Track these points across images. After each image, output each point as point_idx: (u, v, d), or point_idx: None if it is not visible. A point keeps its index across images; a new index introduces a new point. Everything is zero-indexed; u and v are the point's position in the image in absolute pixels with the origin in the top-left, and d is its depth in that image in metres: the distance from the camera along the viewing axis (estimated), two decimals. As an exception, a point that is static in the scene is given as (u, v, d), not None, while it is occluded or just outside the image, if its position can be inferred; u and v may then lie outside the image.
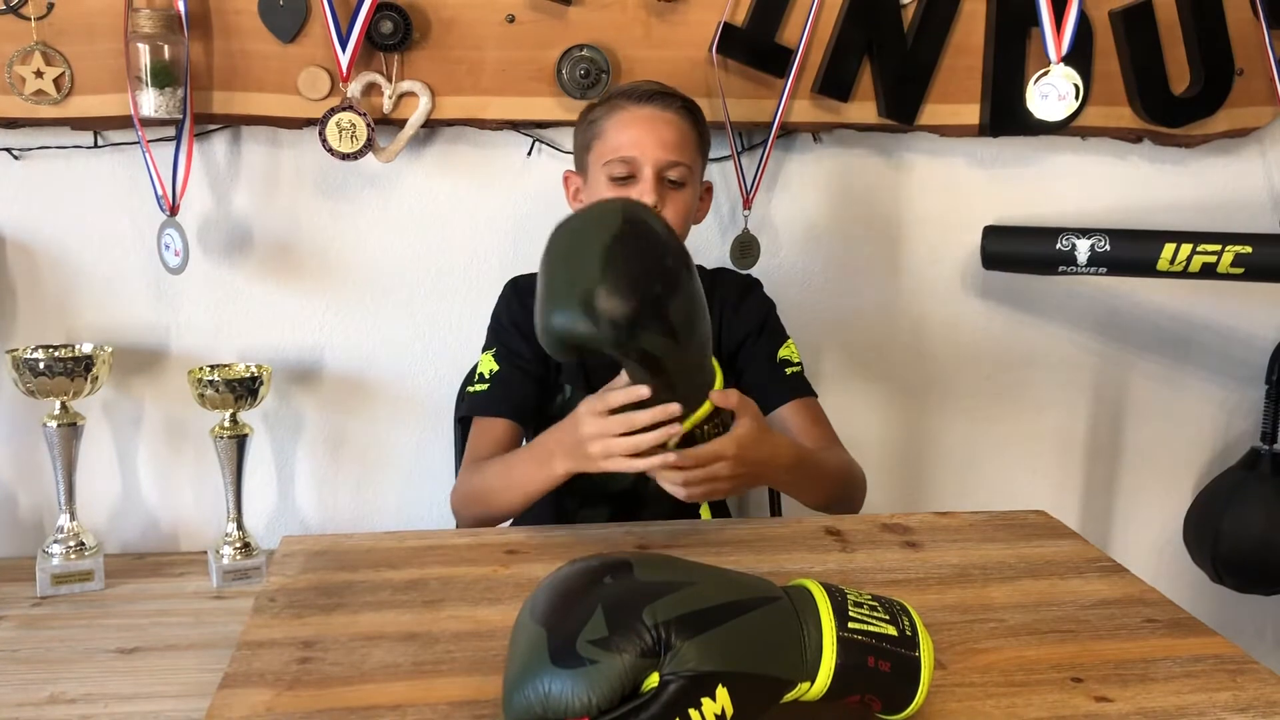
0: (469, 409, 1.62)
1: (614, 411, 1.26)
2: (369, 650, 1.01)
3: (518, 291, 1.65)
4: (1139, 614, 1.11)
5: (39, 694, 1.42)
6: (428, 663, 0.99)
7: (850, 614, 0.86)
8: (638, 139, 1.53)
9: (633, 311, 1.13)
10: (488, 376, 1.60)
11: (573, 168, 1.66)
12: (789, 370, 1.62)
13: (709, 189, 1.69)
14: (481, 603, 1.11)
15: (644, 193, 1.52)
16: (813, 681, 0.83)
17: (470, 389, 1.62)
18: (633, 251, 1.17)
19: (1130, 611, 1.12)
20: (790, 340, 1.67)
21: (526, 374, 1.58)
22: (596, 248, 1.17)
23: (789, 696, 0.84)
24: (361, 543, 1.27)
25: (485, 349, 1.63)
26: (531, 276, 1.68)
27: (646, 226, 1.22)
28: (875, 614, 0.87)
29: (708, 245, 1.97)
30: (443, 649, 1.01)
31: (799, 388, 1.61)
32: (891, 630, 0.86)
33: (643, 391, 1.22)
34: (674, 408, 1.22)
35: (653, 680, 0.79)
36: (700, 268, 1.73)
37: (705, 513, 1.71)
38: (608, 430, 1.27)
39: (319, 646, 1.01)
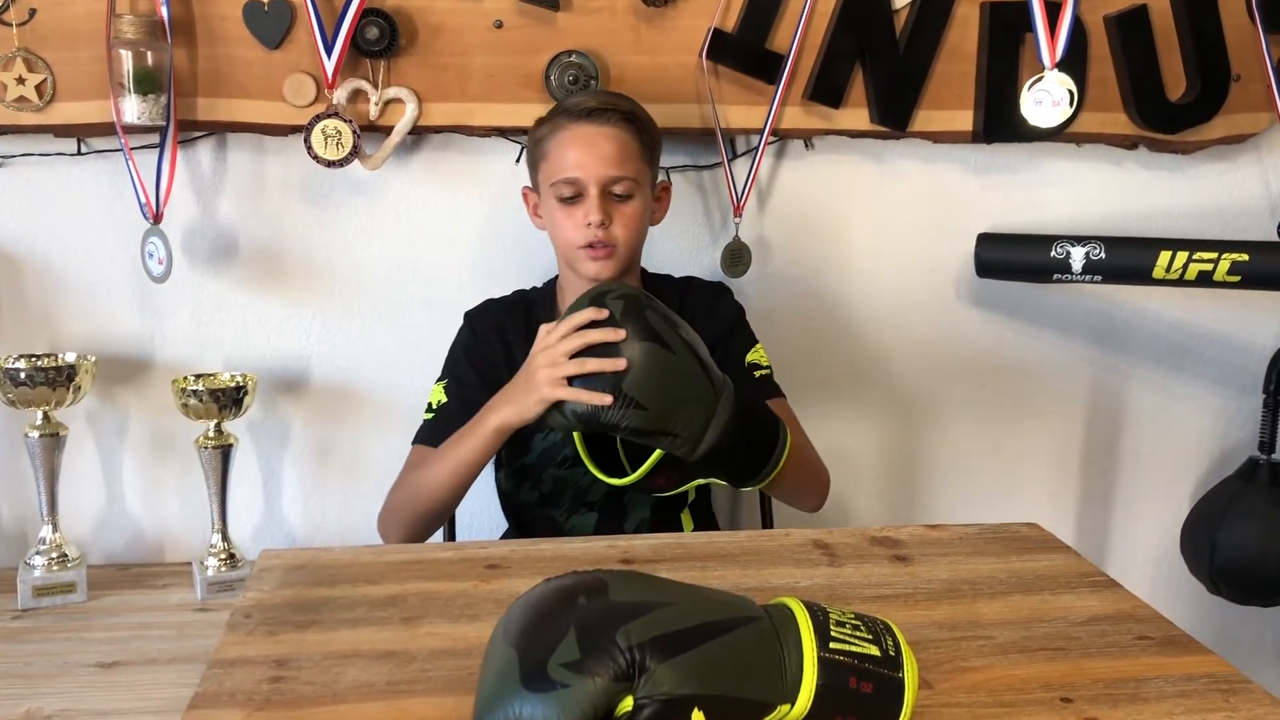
0: (418, 438, 1.64)
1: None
2: (343, 669, 0.99)
3: (471, 323, 1.69)
4: (1131, 631, 1.09)
5: (15, 710, 1.40)
6: (402, 682, 0.96)
7: (832, 634, 0.84)
8: (579, 158, 1.55)
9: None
10: (435, 407, 1.64)
11: (529, 184, 1.68)
12: (758, 374, 1.65)
13: (665, 188, 1.70)
14: (460, 619, 1.09)
15: (589, 211, 1.55)
16: (793, 704, 0.81)
17: (423, 417, 1.65)
18: None
19: (1122, 628, 1.09)
20: (759, 345, 1.69)
21: (470, 407, 1.56)
22: None
23: (768, 719, 0.82)
24: (341, 557, 1.25)
25: (438, 380, 1.66)
26: (484, 306, 1.69)
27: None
28: (858, 634, 0.85)
29: (699, 252, 1.95)
30: (418, 668, 0.99)
31: (768, 390, 1.64)
32: (874, 650, 0.84)
33: (592, 314, 1.31)
34: (620, 333, 1.30)
35: (627, 704, 0.77)
36: (668, 277, 1.74)
37: (687, 524, 1.70)
38: (558, 351, 1.32)
39: (292, 665, 0.99)
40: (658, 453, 1.36)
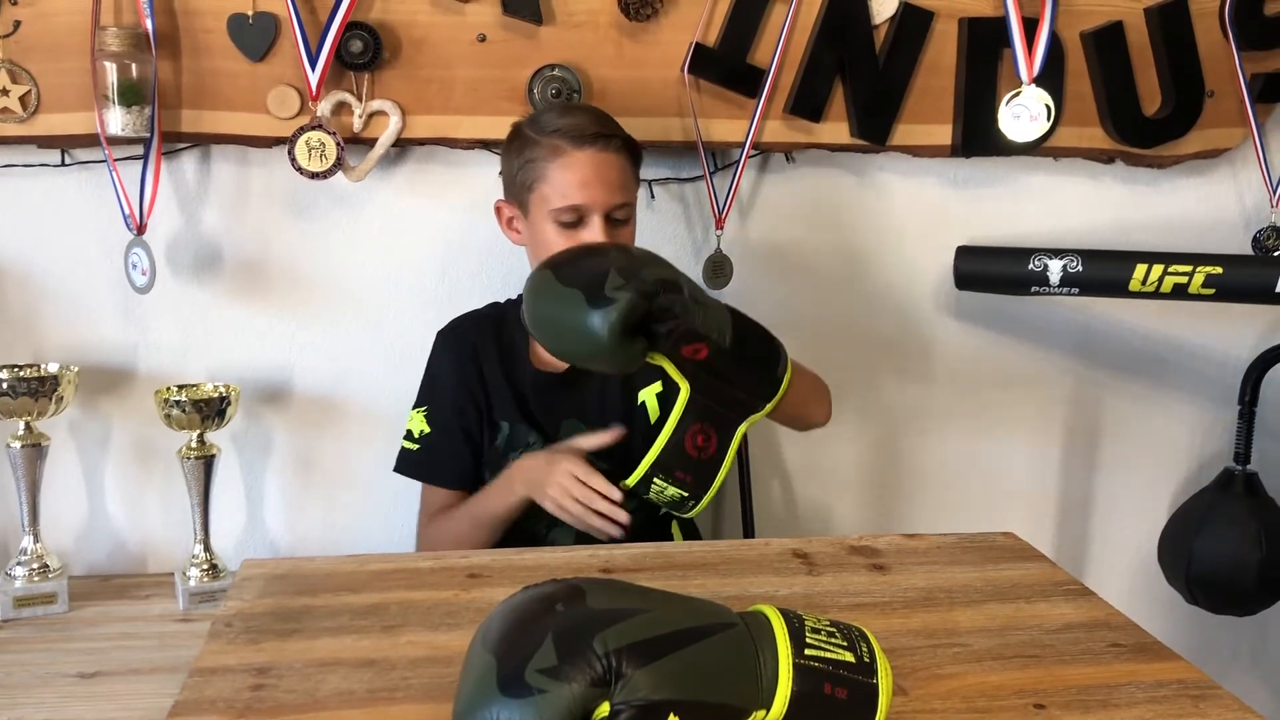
0: (403, 467, 1.70)
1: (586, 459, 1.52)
2: (324, 677, 0.99)
3: (445, 343, 1.70)
4: (1104, 638, 1.10)
5: (-5, 720, 1.40)
6: (383, 690, 0.97)
7: (807, 640, 0.85)
8: (586, 185, 1.54)
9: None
10: (417, 437, 1.67)
11: (503, 198, 1.66)
12: None
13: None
14: (441, 628, 1.10)
15: (594, 237, 1.54)
16: (768, 709, 0.82)
17: (403, 444, 1.69)
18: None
19: (1096, 636, 1.11)
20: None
21: (455, 435, 1.64)
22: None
23: (744, 725, 0.83)
24: (323, 566, 1.26)
25: (416, 405, 1.69)
26: (455, 324, 1.70)
27: None
28: (833, 640, 0.86)
29: (681, 265, 1.92)
30: (399, 675, 1.00)
31: None
32: (849, 657, 0.85)
33: (606, 438, 1.46)
34: (617, 494, 1.47)
35: (603, 710, 0.77)
36: None
37: (677, 534, 1.71)
38: (571, 490, 1.48)
39: (273, 673, 1.00)
40: (681, 400, 1.29)
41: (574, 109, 1.63)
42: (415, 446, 1.67)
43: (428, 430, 1.65)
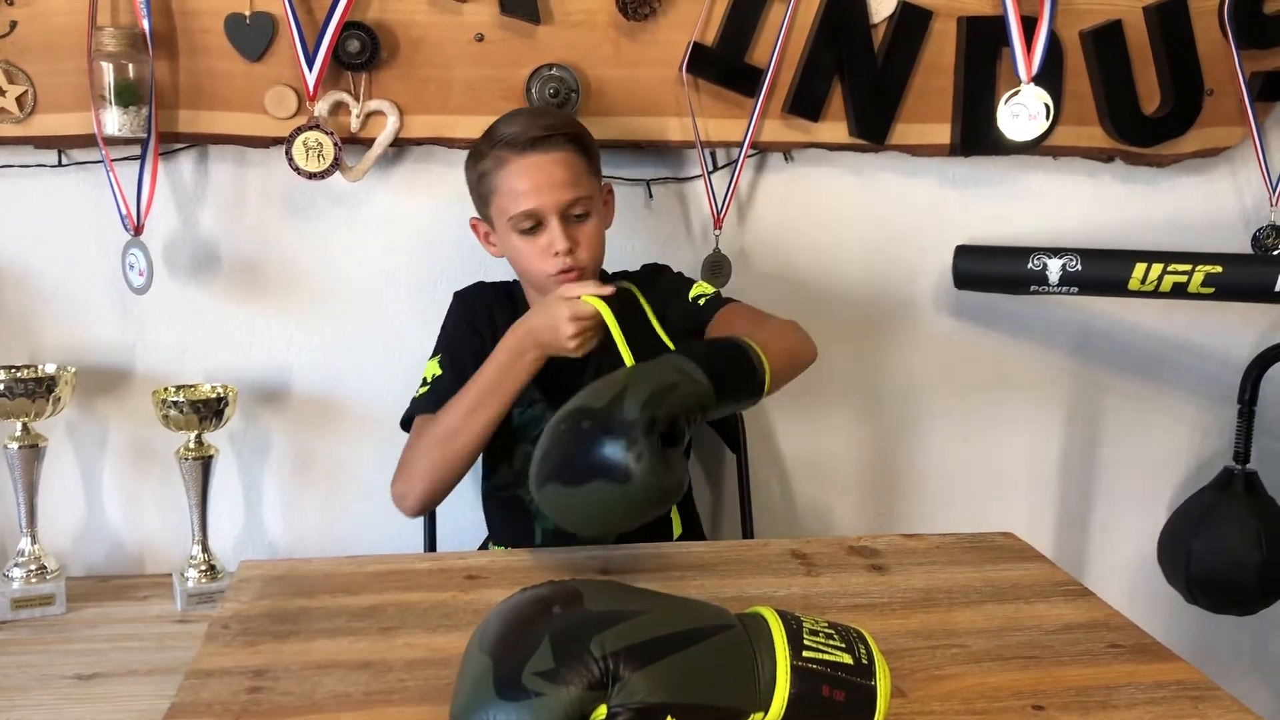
0: (410, 410, 1.65)
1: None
2: (320, 679, 0.99)
3: (461, 299, 1.72)
4: (1103, 639, 1.10)
5: (-8, 722, 1.40)
6: (379, 692, 0.97)
7: (805, 642, 0.85)
8: (534, 189, 1.54)
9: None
10: (429, 380, 1.65)
11: (476, 215, 1.67)
12: (702, 301, 1.64)
13: (610, 190, 1.69)
14: (438, 629, 1.10)
15: (554, 241, 1.55)
16: (766, 711, 0.82)
17: (416, 392, 1.66)
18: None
19: (1095, 636, 1.11)
20: (698, 281, 1.70)
21: (467, 374, 1.59)
22: None
23: (741, 727, 0.82)
24: (320, 568, 1.25)
25: (433, 355, 1.68)
26: (474, 286, 1.74)
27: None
28: (831, 642, 0.86)
29: (679, 264, 1.95)
30: (395, 678, 1.00)
31: (715, 305, 1.63)
32: (847, 659, 0.85)
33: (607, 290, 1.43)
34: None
35: (600, 712, 0.77)
36: (602, 272, 1.72)
37: (676, 527, 1.71)
38: (584, 326, 1.44)
39: (270, 675, 1.00)
40: None
41: (518, 115, 1.61)
42: (425, 389, 1.63)
43: (440, 372, 1.64)
